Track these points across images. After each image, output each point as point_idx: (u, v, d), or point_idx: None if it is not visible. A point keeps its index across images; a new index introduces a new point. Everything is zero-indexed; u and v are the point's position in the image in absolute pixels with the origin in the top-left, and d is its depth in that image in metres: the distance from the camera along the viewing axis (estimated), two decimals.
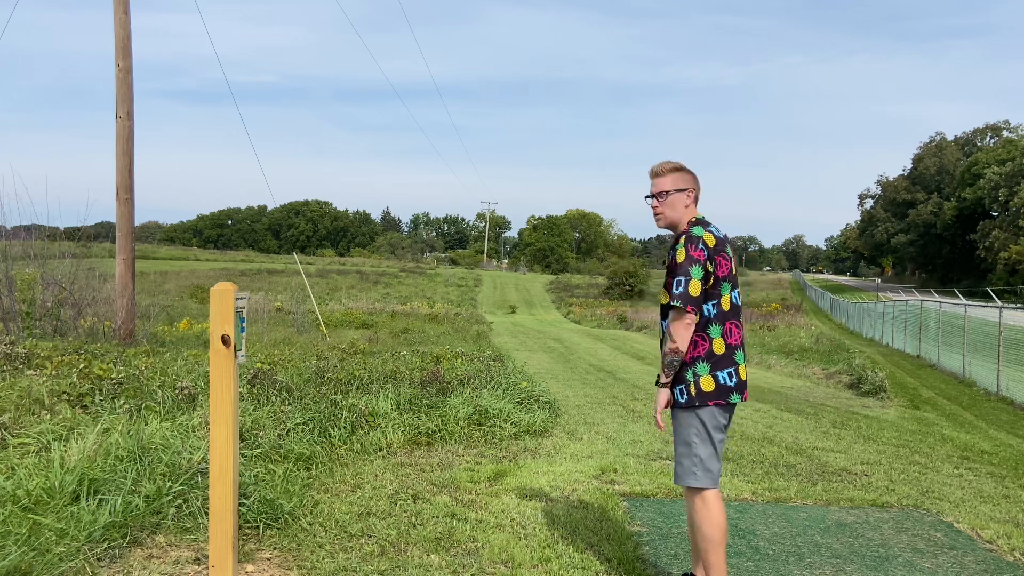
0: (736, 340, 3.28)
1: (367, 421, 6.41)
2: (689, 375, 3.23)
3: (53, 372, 6.76)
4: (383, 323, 24.93)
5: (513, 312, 48.97)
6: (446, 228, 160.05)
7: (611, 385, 11.87)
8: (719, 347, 3.22)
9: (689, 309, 3.16)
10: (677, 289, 3.17)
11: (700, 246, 3.19)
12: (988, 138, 76.88)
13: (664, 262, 3.43)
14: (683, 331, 3.17)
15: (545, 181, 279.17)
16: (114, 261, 12.05)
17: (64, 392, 6.04)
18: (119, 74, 11.95)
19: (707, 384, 3.20)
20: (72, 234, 16.09)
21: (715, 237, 3.26)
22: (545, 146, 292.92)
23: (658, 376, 3.33)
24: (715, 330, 3.23)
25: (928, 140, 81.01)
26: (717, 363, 3.22)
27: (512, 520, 4.48)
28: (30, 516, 3.65)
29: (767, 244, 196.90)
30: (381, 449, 6.02)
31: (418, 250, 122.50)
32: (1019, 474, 6.82)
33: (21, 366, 7.28)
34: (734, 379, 3.25)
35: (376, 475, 5.33)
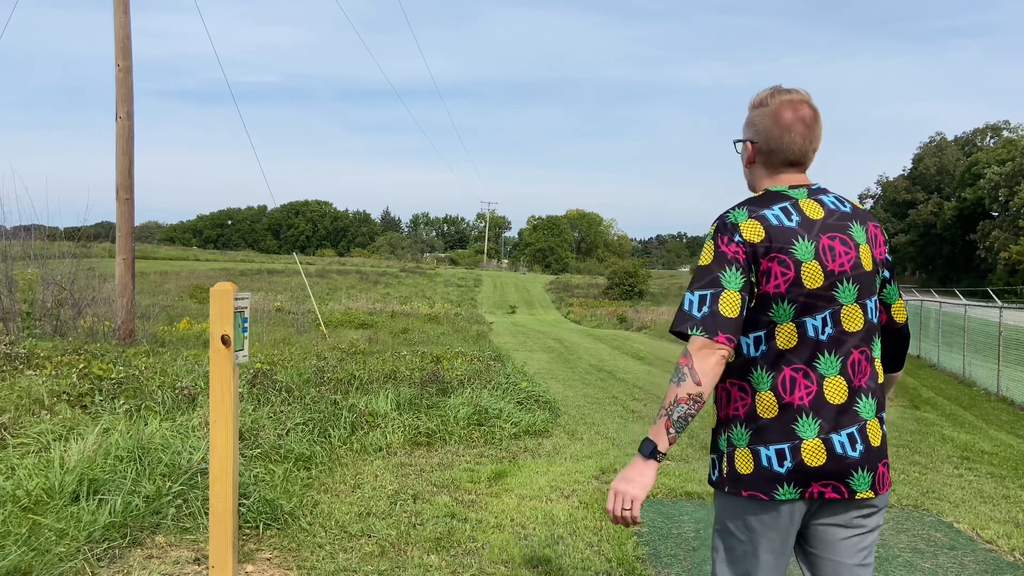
0: (803, 398, 1.95)
1: (367, 421, 6.41)
2: (722, 443, 2.04)
3: (53, 372, 6.75)
4: (383, 323, 24.90)
5: (513, 312, 48.95)
6: (446, 228, 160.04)
7: (611, 385, 11.87)
8: (766, 407, 1.96)
9: (720, 339, 1.89)
10: (697, 310, 1.93)
11: (737, 239, 1.96)
12: (988, 138, 76.93)
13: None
14: (708, 367, 1.90)
15: (545, 181, 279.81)
16: (114, 261, 12.05)
17: (64, 392, 6.03)
18: (119, 74, 11.95)
19: (743, 462, 1.97)
20: (72, 234, 16.10)
21: (770, 226, 1.97)
22: (545, 146, 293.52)
23: (646, 438, 1.96)
24: (761, 379, 1.97)
25: (928, 140, 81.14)
26: (760, 431, 1.96)
27: (512, 520, 4.48)
28: (30, 516, 3.65)
29: None
30: (381, 449, 6.02)
31: (418, 250, 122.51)
32: (1019, 474, 6.82)
33: (21, 366, 7.28)
34: (788, 462, 1.93)
35: (376, 475, 5.33)
